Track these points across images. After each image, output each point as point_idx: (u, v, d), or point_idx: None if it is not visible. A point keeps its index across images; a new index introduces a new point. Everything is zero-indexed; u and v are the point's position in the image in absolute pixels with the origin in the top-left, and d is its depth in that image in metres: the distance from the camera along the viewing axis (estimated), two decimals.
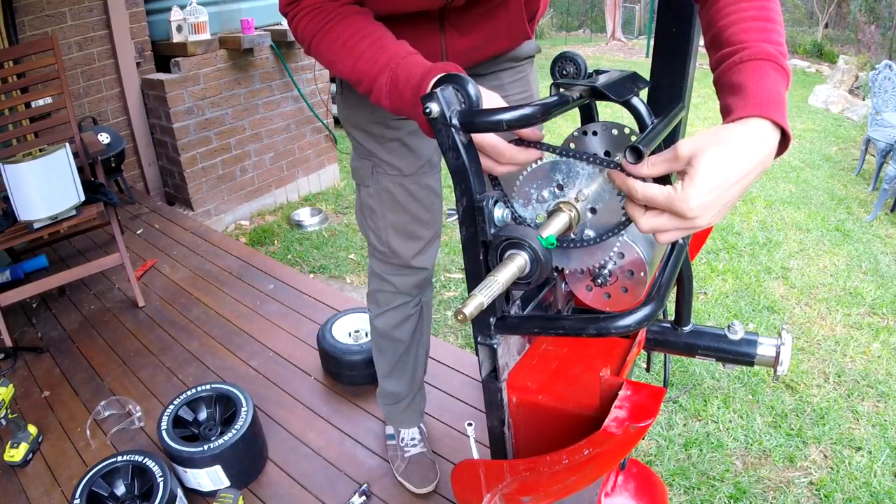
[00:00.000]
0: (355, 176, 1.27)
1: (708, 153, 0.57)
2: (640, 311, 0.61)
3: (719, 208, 0.59)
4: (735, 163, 0.58)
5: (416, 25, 0.99)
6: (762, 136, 0.60)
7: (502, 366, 0.72)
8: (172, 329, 2.36)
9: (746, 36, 0.66)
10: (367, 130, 1.18)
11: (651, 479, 1.12)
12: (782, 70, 0.64)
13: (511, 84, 1.21)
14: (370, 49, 0.85)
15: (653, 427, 2.01)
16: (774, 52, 0.64)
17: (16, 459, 1.71)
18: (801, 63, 10.79)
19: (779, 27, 0.67)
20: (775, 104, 0.61)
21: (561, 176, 0.67)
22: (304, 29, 0.89)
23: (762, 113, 0.60)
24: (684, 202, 0.57)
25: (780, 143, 0.61)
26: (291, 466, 1.70)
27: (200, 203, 3.56)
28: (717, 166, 0.57)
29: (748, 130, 0.59)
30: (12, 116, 2.65)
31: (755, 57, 0.64)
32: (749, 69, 0.64)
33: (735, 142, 0.59)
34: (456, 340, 2.58)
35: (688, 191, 0.57)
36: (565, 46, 11.99)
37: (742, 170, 0.58)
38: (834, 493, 1.78)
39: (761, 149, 0.59)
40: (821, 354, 2.48)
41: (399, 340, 1.46)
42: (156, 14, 3.45)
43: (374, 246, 1.33)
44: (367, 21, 0.88)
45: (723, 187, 0.58)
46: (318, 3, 0.88)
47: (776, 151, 0.62)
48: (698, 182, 0.57)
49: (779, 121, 0.60)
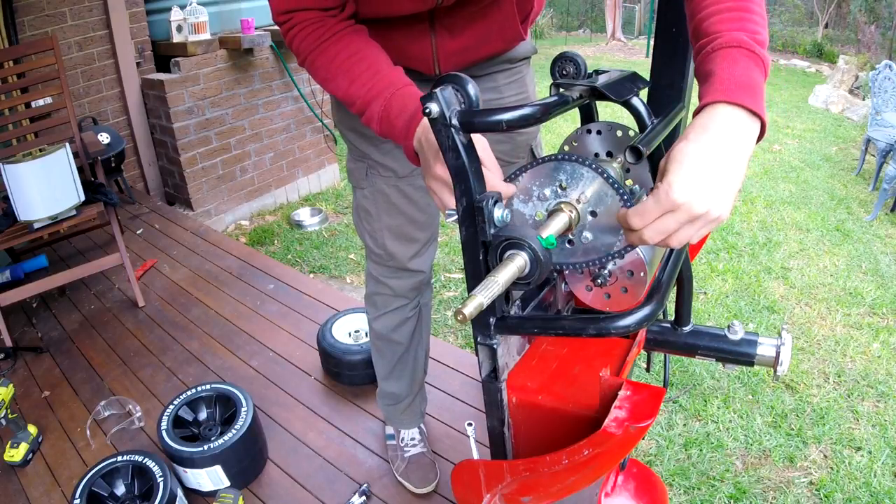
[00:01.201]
0: (351, 178, 1.27)
1: (676, 148, 0.58)
2: (640, 312, 0.61)
3: (712, 192, 0.57)
4: (706, 146, 0.57)
5: (406, 27, 0.98)
6: (730, 121, 0.59)
7: (502, 366, 0.72)
8: (172, 329, 2.36)
9: (721, 26, 0.65)
10: (362, 132, 1.17)
11: (651, 479, 1.11)
12: (756, 57, 0.63)
13: (507, 86, 1.19)
14: (365, 74, 0.85)
15: (653, 427, 2.01)
16: (748, 39, 0.63)
17: (16, 459, 1.71)
18: (801, 63, 10.80)
19: (756, 17, 0.66)
20: (744, 88, 0.60)
21: (565, 176, 0.67)
22: (300, 44, 0.89)
23: (728, 98, 0.59)
24: (668, 192, 0.56)
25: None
26: (291, 466, 1.70)
27: (200, 203, 3.56)
28: (688, 154, 0.57)
29: (713, 116, 0.59)
30: (12, 116, 2.65)
31: (726, 45, 0.63)
32: (720, 57, 0.63)
33: (700, 128, 0.59)
34: (456, 340, 2.58)
35: (668, 181, 0.57)
36: (565, 46, 11.99)
37: (716, 152, 0.57)
38: (834, 493, 1.78)
39: (732, 132, 0.59)
40: (821, 354, 2.48)
41: (398, 343, 1.46)
42: (156, 14, 3.45)
43: (370, 248, 1.32)
44: (362, 43, 0.88)
45: (703, 170, 0.56)
46: (314, 17, 0.87)
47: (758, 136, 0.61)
48: (674, 171, 0.57)
49: (746, 104, 0.59)
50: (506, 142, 1.22)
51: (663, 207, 0.57)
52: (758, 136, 0.62)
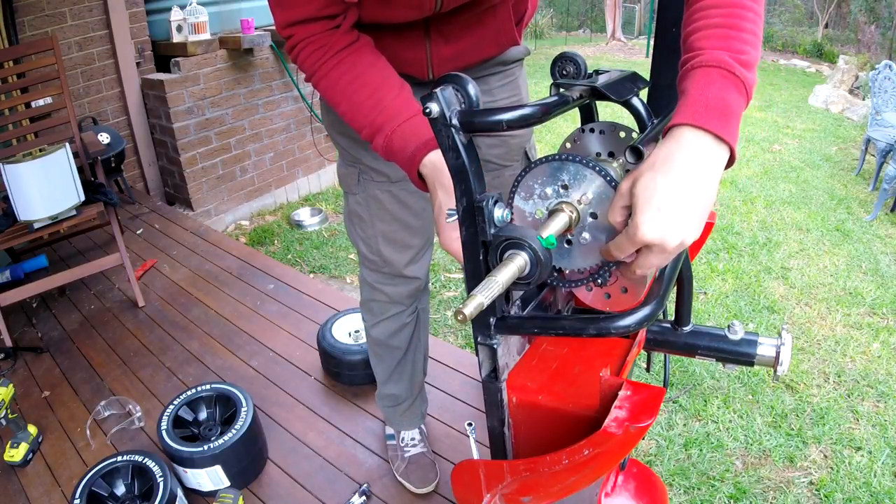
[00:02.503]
0: (342, 183, 1.24)
1: (641, 179, 0.58)
2: (640, 312, 0.61)
3: (681, 226, 0.57)
4: (672, 178, 0.57)
5: (401, 33, 0.98)
6: (695, 147, 0.58)
7: (502, 366, 0.72)
8: (172, 329, 2.36)
9: (705, 42, 0.63)
10: (352, 136, 1.15)
11: (651, 479, 1.11)
12: (734, 78, 0.60)
13: (499, 88, 1.19)
14: (367, 103, 0.86)
15: (653, 427, 2.01)
16: (729, 59, 0.61)
17: (16, 459, 1.71)
18: (801, 63, 10.80)
19: (745, 35, 0.63)
20: (714, 111, 0.58)
21: (568, 176, 0.67)
22: (304, 62, 0.89)
23: (694, 121, 0.58)
24: (636, 233, 0.57)
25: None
26: (291, 466, 1.70)
27: (200, 203, 3.56)
28: (654, 189, 0.57)
29: (679, 141, 0.58)
30: (12, 116, 2.65)
31: (705, 63, 0.61)
32: (696, 76, 0.61)
33: (664, 157, 0.58)
34: (456, 340, 2.58)
35: (636, 220, 0.57)
36: (565, 46, 12.00)
37: (682, 183, 0.57)
38: (834, 493, 1.78)
39: (697, 160, 0.57)
40: (821, 354, 2.48)
41: (396, 348, 1.45)
42: (156, 14, 3.45)
43: (364, 255, 1.30)
44: (365, 64, 0.87)
45: (670, 206, 0.56)
46: (317, 31, 0.86)
47: (728, 159, 0.59)
48: (640, 209, 0.57)
49: (712, 129, 0.57)
50: (499, 145, 1.21)
51: (636, 245, 0.58)
52: (727, 160, 0.60)
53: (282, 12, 0.87)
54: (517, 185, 0.72)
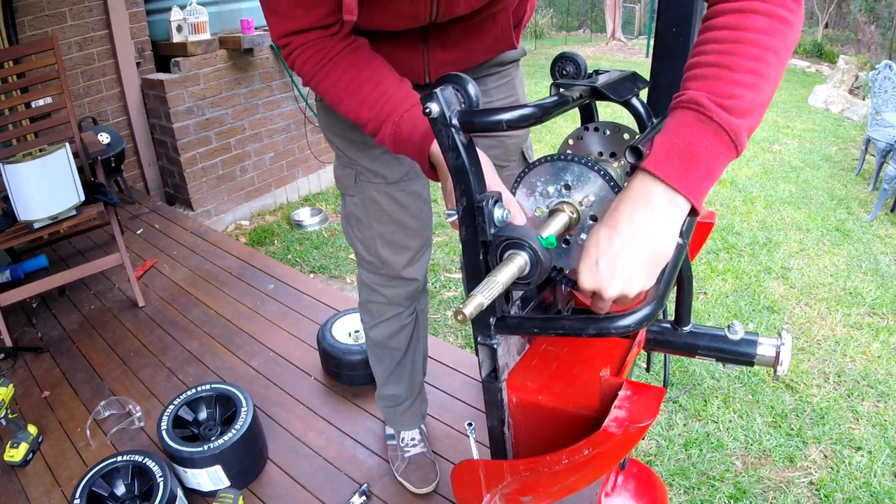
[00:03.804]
0: (339, 185, 1.24)
1: (593, 229, 0.59)
2: (640, 312, 0.61)
3: (620, 278, 0.58)
4: (614, 232, 0.57)
5: (398, 40, 0.98)
6: (647, 197, 0.56)
7: (502, 366, 0.72)
8: (172, 329, 2.36)
9: (692, 83, 0.59)
10: (349, 137, 1.14)
11: (651, 479, 1.12)
12: (710, 123, 0.56)
13: (496, 89, 1.19)
14: (372, 96, 0.85)
15: (653, 427, 2.01)
16: (708, 102, 0.56)
17: (16, 459, 1.71)
18: (801, 63, 10.80)
19: (740, 75, 0.57)
20: (674, 158, 0.56)
21: (571, 177, 0.67)
22: (302, 66, 0.89)
23: (651, 168, 0.56)
24: (580, 282, 0.60)
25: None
26: (291, 466, 1.70)
27: (200, 203, 3.56)
28: (594, 239, 0.59)
29: (632, 189, 0.58)
30: (12, 116, 2.65)
31: (684, 104, 0.58)
32: (673, 117, 0.59)
33: (613, 208, 0.59)
34: (456, 340, 2.58)
35: (579, 269, 0.60)
36: (565, 46, 12.00)
37: (624, 237, 0.57)
38: (834, 493, 1.78)
39: (645, 211, 0.56)
40: (821, 354, 2.48)
41: (395, 349, 1.45)
42: (156, 14, 3.45)
43: (362, 256, 1.30)
44: (365, 61, 0.87)
45: (605, 257, 0.57)
46: (313, 38, 0.86)
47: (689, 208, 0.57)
48: (582, 259, 0.59)
49: (663, 177, 0.55)
50: (497, 146, 1.21)
51: (583, 291, 0.62)
52: (690, 209, 0.58)
53: (278, 23, 0.86)
54: (520, 181, 0.72)
